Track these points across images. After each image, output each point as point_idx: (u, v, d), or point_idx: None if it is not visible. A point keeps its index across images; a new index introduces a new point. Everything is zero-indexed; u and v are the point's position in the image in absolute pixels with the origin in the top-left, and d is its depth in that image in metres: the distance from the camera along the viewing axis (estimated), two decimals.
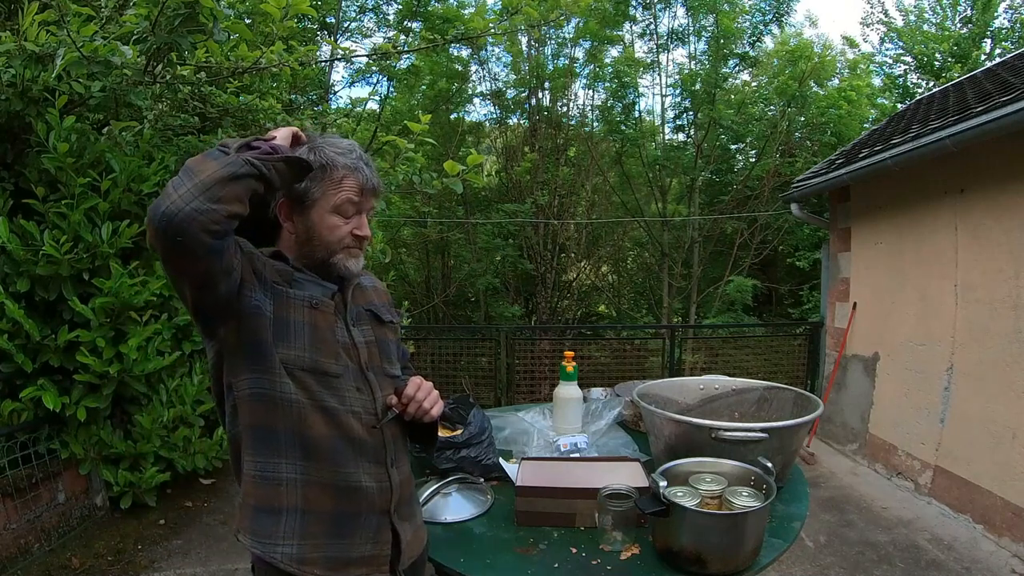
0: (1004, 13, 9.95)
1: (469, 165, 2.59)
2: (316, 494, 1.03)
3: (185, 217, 0.85)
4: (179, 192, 0.87)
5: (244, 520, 1.05)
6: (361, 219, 1.12)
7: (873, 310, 4.31)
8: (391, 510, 1.11)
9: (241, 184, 0.91)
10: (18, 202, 2.73)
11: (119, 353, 2.77)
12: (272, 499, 1.02)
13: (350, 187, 1.09)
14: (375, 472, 1.09)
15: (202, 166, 0.89)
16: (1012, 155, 3.01)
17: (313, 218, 1.09)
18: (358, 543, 1.07)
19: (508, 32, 3.47)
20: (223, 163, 0.90)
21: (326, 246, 1.10)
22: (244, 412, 1.04)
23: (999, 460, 3.02)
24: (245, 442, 1.05)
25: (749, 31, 9.93)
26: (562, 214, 10.07)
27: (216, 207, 0.87)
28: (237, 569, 2.73)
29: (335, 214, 1.09)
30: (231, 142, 0.95)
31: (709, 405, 1.88)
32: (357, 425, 1.07)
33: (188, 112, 3.17)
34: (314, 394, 1.04)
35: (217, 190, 0.88)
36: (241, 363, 1.04)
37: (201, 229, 0.86)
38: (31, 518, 2.76)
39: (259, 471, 1.03)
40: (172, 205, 0.86)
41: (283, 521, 1.02)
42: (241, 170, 0.91)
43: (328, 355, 1.07)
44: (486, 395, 5.66)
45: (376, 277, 1.34)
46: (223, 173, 0.89)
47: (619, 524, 1.29)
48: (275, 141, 1.01)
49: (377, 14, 9.88)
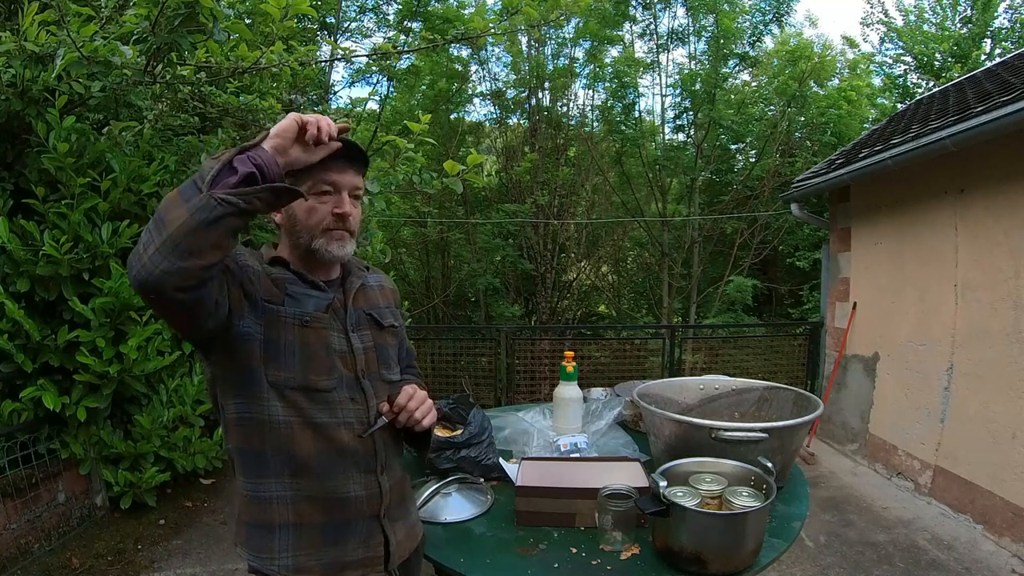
0: (1004, 13, 9.96)
1: (469, 165, 2.59)
2: (306, 508, 1.04)
3: (156, 281, 0.80)
4: (148, 253, 0.80)
5: (240, 535, 1.07)
6: (341, 197, 1.08)
7: (873, 310, 4.31)
8: (380, 514, 1.12)
9: (218, 229, 0.82)
10: (18, 202, 2.73)
11: (119, 353, 2.77)
12: (264, 516, 1.04)
13: (325, 165, 1.03)
14: (365, 481, 1.09)
15: (172, 213, 0.81)
16: (1012, 155, 3.01)
17: (293, 204, 1.06)
18: (351, 548, 1.08)
19: (508, 32, 3.47)
20: (193, 208, 0.80)
21: (307, 231, 1.07)
22: (232, 435, 1.06)
23: (999, 460, 3.02)
24: (236, 462, 1.07)
25: (749, 31, 9.93)
26: (562, 214, 10.07)
27: (188, 264, 0.81)
28: (237, 569, 2.73)
29: (312, 194, 1.06)
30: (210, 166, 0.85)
31: (709, 405, 1.88)
32: (347, 436, 1.07)
33: (188, 112, 3.17)
34: (304, 412, 1.04)
35: (189, 243, 0.80)
36: (230, 388, 1.05)
37: (175, 288, 0.82)
38: (31, 518, 2.76)
39: (251, 491, 1.05)
40: (143, 269, 0.80)
41: (277, 536, 1.04)
42: (214, 214, 0.81)
43: (320, 372, 1.06)
44: (486, 395, 5.66)
45: (386, 276, 1.32)
46: (193, 223, 0.80)
47: (619, 524, 1.29)
48: (274, 141, 0.91)
49: (377, 14, 9.88)
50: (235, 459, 1.07)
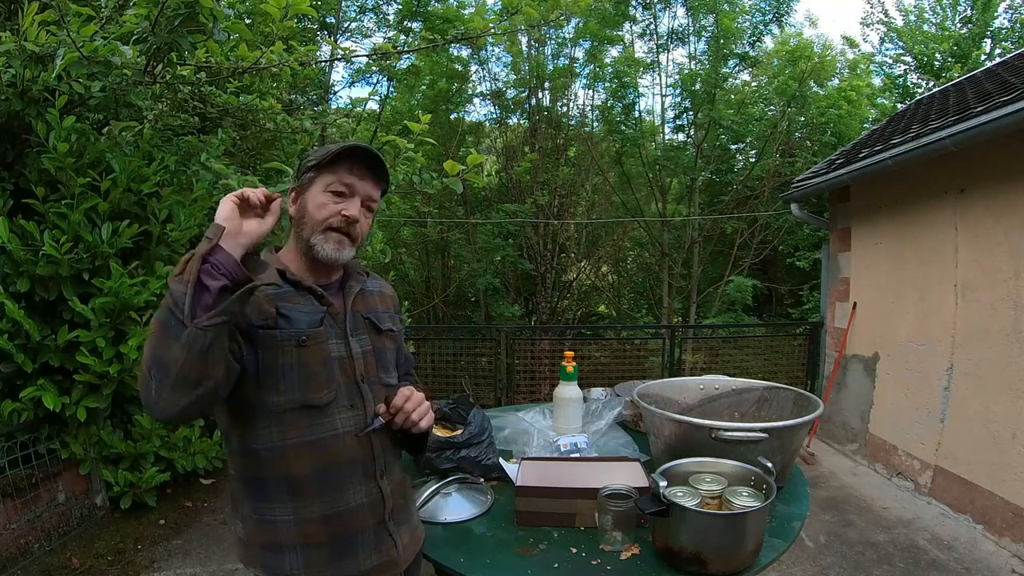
0: (1004, 13, 9.96)
1: (469, 165, 2.59)
2: (311, 529, 1.05)
3: (181, 414, 0.88)
4: (163, 395, 0.85)
5: (252, 557, 1.08)
6: (353, 202, 1.10)
7: (873, 310, 4.31)
8: (386, 519, 1.12)
9: (214, 350, 0.87)
10: (18, 202, 2.73)
11: (119, 353, 2.77)
12: (273, 538, 1.06)
13: (348, 168, 1.09)
14: (366, 488, 1.09)
15: (168, 354, 0.84)
16: (1012, 155, 3.01)
17: (307, 197, 1.10)
18: (363, 558, 1.08)
19: (508, 32, 3.47)
20: (185, 344, 0.83)
21: (312, 225, 1.08)
22: (234, 463, 1.09)
23: (999, 460, 3.02)
24: (241, 489, 1.09)
25: (749, 31, 9.93)
26: (562, 214, 10.07)
27: (202, 391, 0.87)
28: (237, 569, 2.73)
29: (326, 192, 1.09)
30: (180, 291, 0.84)
31: (709, 405, 1.88)
32: (345, 445, 1.07)
33: (188, 112, 3.17)
34: (303, 431, 1.04)
35: (195, 373, 0.85)
36: (228, 419, 1.07)
37: (201, 410, 0.90)
38: (31, 518, 2.76)
39: (257, 514, 1.07)
40: (164, 410, 0.87)
41: (286, 556, 1.05)
42: (207, 340, 0.85)
43: (318, 388, 1.06)
44: (486, 395, 5.66)
45: (385, 281, 1.32)
46: (192, 357, 0.84)
47: (619, 524, 1.29)
48: (226, 232, 0.90)
49: (377, 14, 9.87)
50: (240, 485, 1.09)
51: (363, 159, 1.09)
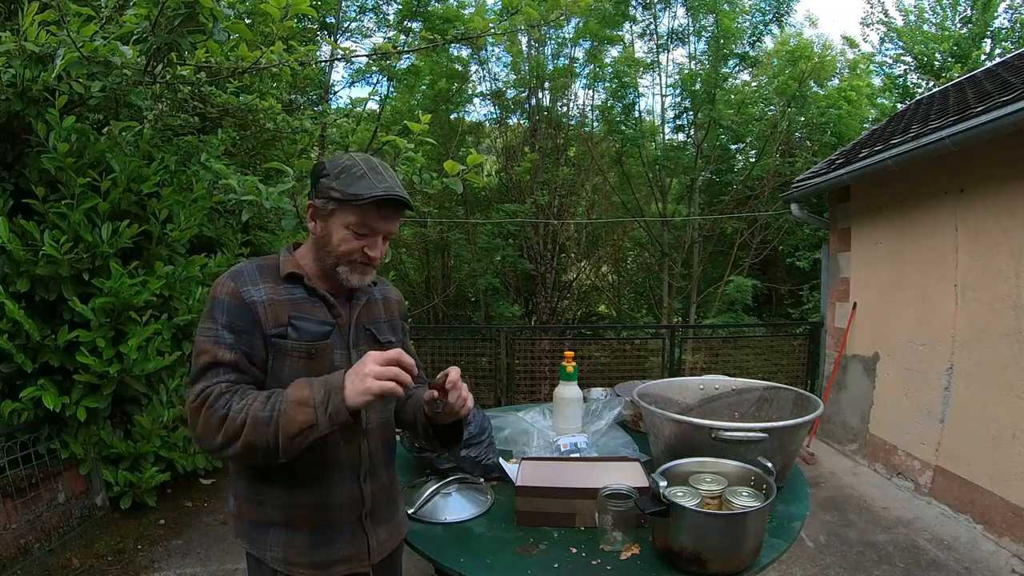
0: (1004, 13, 9.96)
1: (469, 165, 2.59)
2: (296, 515, 1.13)
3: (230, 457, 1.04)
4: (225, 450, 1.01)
5: (241, 531, 1.18)
6: (376, 239, 1.11)
7: (873, 310, 4.31)
8: (363, 518, 1.18)
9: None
10: (18, 202, 2.72)
11: (119, 353, 2.77)
12: (261, 516, 1.15)
13: (377, 211, 1.08)
14: (348, 489, 1.16)
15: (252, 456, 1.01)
16: (1012, 155, 3.01)
17: (330, 227, 1.11)
18: (337, 547, 1.16)
19: (508, 32, 3.47)
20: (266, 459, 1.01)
21: (336, 256, 1.11)
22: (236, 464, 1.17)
23: (999, 460, 3.02)
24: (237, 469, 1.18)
25: (749, 31, 9.93)
26: (562, 214, 10.07)
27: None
28: (237, 569, 2.73)
29: (348, 230, 1.09)
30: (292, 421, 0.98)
31: (709, 405, 1.89)
32: (339, 451, 1.14)
33: (188, 112, 3.17)
34: None
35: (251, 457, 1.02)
36: None
37: None
38: (31, 518, 2.76)
39: (251, 494, 1.15)
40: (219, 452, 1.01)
41: (271, 533, 1.14)
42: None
43: None
44: (486, 395, 5.65)
45: (392, 286, 1.35)
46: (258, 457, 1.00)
47: (619, 524, 1.29)
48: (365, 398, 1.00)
49: (377, 14, 9.87)
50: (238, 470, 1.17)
51: (390, 203, 1.08)
